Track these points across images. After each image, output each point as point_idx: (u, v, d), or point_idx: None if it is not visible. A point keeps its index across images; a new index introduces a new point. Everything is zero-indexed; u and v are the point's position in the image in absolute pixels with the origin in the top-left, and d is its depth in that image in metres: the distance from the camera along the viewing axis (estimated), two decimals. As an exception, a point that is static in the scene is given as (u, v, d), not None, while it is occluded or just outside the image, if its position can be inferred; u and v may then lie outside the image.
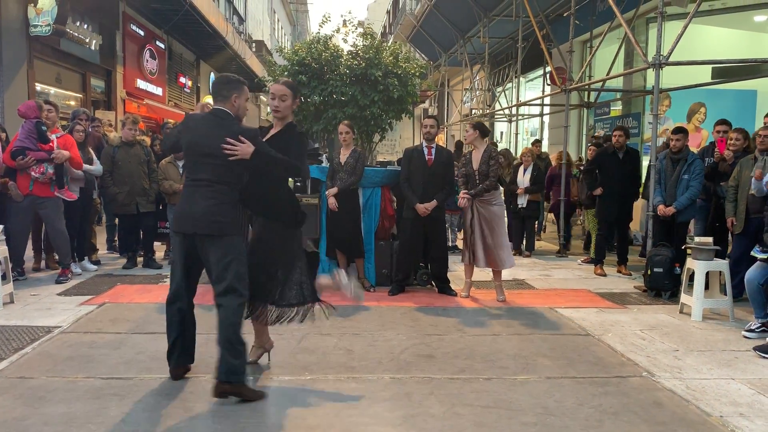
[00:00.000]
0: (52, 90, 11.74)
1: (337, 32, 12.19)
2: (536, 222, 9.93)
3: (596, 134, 10.99)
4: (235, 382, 3.60)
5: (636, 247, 9.49)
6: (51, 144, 6.53)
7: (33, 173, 6.43)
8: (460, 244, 7.78)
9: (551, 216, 11.97)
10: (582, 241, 9.87)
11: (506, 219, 6.50)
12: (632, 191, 7.87)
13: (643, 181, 8.19)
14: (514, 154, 12.09)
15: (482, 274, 6.70)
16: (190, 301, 3.98)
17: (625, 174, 7.68)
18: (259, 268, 3.91)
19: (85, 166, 7.21)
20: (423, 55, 21.27)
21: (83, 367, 4.14)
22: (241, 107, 3.82)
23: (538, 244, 9.80)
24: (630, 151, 7.85)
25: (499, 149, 9.29)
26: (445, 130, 21.72)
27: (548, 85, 13.87)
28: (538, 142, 11.55)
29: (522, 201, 9.03)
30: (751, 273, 5.08)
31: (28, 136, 6.46)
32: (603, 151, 8.00)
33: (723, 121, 7.13)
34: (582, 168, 8.99)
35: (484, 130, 6.45)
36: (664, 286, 6.46)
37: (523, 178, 9.04)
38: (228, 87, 3.80)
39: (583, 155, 9.52)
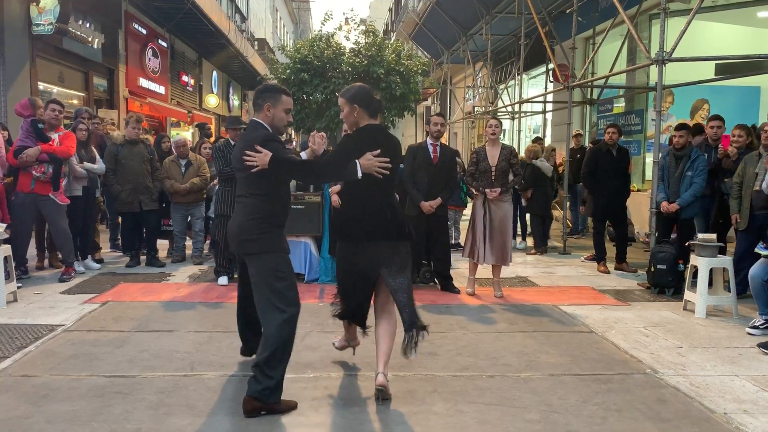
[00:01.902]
0: (55, 89, 11.74)
1: (340, 30, 12.21)
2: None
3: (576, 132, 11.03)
4: (266, 401, 3.41)
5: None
6: (51, 143, 6.53)
7: (34, 172, 6.43)
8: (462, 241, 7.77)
9: (555, 213, 11.97)
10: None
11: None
12: (626, 188, 7.89)
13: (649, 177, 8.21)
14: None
15: (485, 271, 6.70)
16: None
17: (619, 171, 7.71)
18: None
19: (87, 165, 7.22)
20: (425, 53, 21.25)
21: (86, 366, 4.15)
22: (276, 117, 3.60)
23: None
24: (621, 149, 7.87)
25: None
26: (448, 127, 21.70)
27: (551, 82, 13.85)
28: (539, 140, 11.54)
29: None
30: (755, 270, 5.06)
31: (27, 136, 6.48)
32: (597, 150, 7.99)
33: (716, 117, 7.14)
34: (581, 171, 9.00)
35: None
36: (667, 283, 6.44)
37: None
38: (262, 96, 3.62)
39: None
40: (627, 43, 10.68)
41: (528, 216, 9.59)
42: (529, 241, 9.72)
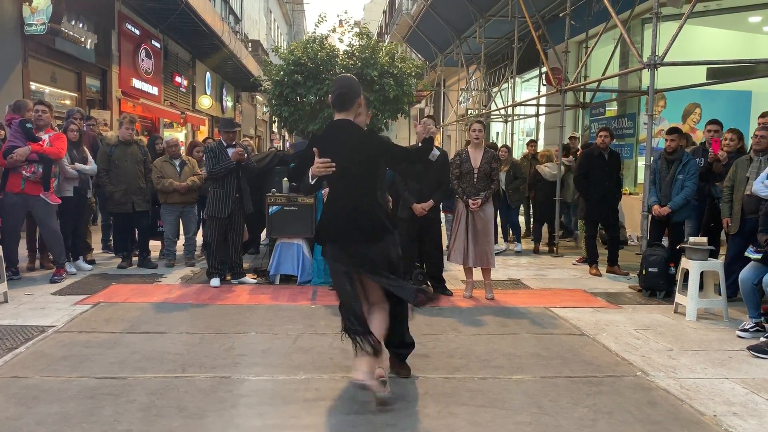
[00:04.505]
0: (47, 89, 11.69)
1: (333, 32, 12.19)
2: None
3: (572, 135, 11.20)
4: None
5: (633, 246, 9.53)
6: (41, 143, 6.51)
7: (24, 172, 6.40)
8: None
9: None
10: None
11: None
12: (617, 192, 7.93)
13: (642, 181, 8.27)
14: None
15: (476, 273, 6.71)
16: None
17: (611, 174, 7.74)
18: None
19: (79, 166, 7.19)
20: (419, 55, 21.29)
21: (77, 367, 4.13)
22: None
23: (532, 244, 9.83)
24: (613, 152, 7.91)
25: (500, 146, 9.65)
26: (441, 130, 21.74)
27: (544, 85, 13.89)
28: (533, 143, 11.59)
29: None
30: (745, 273, 5.10)
31: (17, 136, 6.48)
32: (589, 153, 8.02)
33: (714, 121, 7.15)
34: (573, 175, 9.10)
35: None
36: (658, 286, 6.48)
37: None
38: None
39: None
40: (619, 47, 10.74)
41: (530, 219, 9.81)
42: (526, 244, 9.80)
